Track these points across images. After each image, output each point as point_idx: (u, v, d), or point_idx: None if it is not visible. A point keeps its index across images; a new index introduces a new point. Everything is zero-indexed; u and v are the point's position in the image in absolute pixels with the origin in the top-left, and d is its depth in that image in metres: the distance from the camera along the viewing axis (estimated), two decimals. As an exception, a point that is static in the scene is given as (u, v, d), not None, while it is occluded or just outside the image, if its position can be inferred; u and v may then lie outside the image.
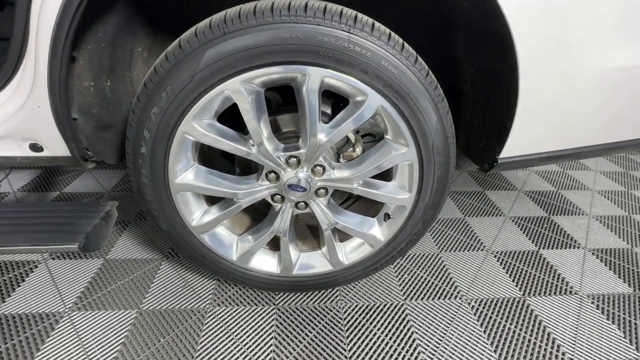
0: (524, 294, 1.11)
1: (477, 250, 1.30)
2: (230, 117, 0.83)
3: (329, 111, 0.93)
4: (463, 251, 1.29)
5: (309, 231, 1.12)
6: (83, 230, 0.81)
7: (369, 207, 1.06)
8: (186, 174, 0.81)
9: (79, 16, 0.60)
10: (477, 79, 0.91)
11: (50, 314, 0.97)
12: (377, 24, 0.66)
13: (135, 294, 1.06)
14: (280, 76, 0.68)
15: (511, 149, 0.84)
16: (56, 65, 0.64)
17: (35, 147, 0.78)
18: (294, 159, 0.82)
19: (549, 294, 1.11)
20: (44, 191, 1.54)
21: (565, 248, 1.33)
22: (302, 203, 0.91)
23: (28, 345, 0.89)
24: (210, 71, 0.65)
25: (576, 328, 1.00)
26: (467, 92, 1.01)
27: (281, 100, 0.98)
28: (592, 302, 1.09)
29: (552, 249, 1.33)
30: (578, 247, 1.34)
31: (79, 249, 0.77)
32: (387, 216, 0.95)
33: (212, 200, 0.93)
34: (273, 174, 0.84)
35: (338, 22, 0.63)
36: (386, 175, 0.89)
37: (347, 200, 1.15)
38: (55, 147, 0.78)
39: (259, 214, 1.08)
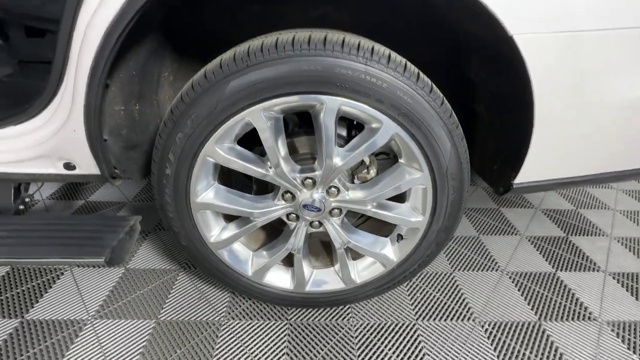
0: (539, 318, 1.09)
1: (491, 271, 1.28)
2: (247, 135, 0.86)
3: (344, 133, 0.95)
4: (477, 271, 1.28)
5: (322, 247, 1.14)
6: (109, 244, 0.85)
7: (382, 225, 1.07)
8: (206, 193, 0.84)
9: (116, 49, 0.65)
10: (491, 102, 0.92)
11: (74, 321, 1.02)
12: (393, 55, 0.68)
13: (153, 304, 1.10)
14: (298, 104, 0.71)
15: (527, 174, 0.84)
16: (93, 93, 0.69)
17: (68, 166, 0.83)
18: (310, 180, 0.84)
19: (567, 319, 1.09)
20: (71, 199, 1.62)
21: (584, 271, 1.30)
22: (317, 222, 0.93)
23: (54, 351, 0.94)
24: (233, 100, 0.68)
25: (595, 356, 0.98)
26: (481, 114, 1.01)
27: (298, 121, 1.01)
28: (612, 330, 1.06)
29: (570, 271, 1.30)
30: (598, 270, 1.30)
31: (105, 263, 0.81)
32: (400, 237, 0.96)
33: (230, 217, 0.97)
34: (289, 194, 0.87)
35: (355, 54, 0.65)
36: (400, 197, 0.90)
37: (360, 216, 1.16)
38: (87, 166, 0.83)
39: (274, 229, 1.11)
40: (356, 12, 0.88)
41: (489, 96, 0.92)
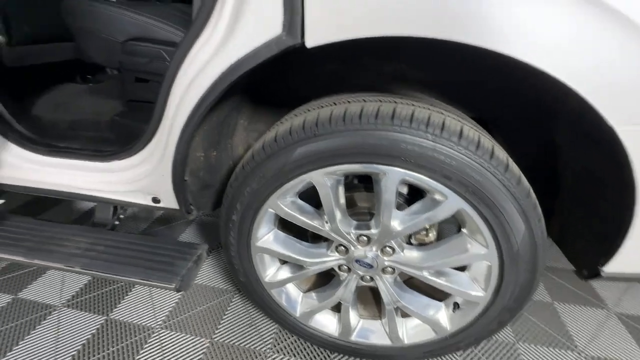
0: None
1: (565, 349, 1.12)
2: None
3: (405, 191, 0.93)
4: (547, 347, 1.13)
5: (371, 296, 1.12)
6: (179, 272, 0.95)
7: (438, 285, 1.01)
8: (266, 238, 0.90)
9: (206, 112, 0.74)
10: (581, 177, 0.81)
11: (145, 327, 1.17)
12: (465, 130, 0.65)
13: (210, 322, 1.19)
14: (360, 171, 0.72)
15: (622, 264, 0.72)
16: (181, 147, 0.80)
17: (155, 200, 0.96)
18: (365, 238, 0.84)
19: None
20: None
21: (695, 373, 1.05)
22: (368, 277, 0.92)
23: (127, 353, 1.08)
24: (298, 164, 0.72)
25: None
26: (566, 179, 0.90)
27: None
28: None
29: (674, 369, 1.06)
30: None
31: (175, 290, 0.91)
32: (456, 305, 0.89)
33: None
34: (342, 247, 0.88)
35: (424, 131, 0.64)
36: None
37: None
38: (169, 201, 0.95)
39: (326, 272, 1.12)
40: (433, 71, 0.86)
41: (577, 164, 0.81)
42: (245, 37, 0.63)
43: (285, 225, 0.98)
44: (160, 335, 1.14)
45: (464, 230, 0.78)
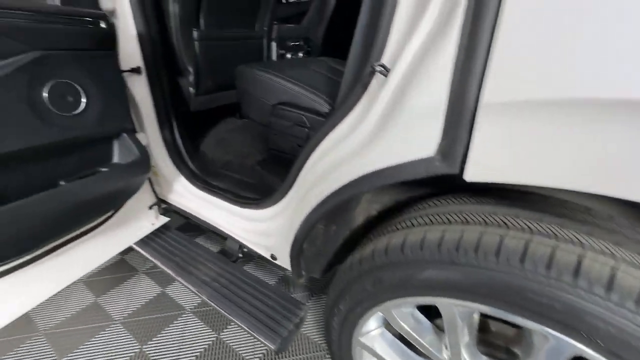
0: None
1: None
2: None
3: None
4: None
5: None
6: (281, 332, 0.97)
7: None
8: (371, 335, 0.81)
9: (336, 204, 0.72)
10: None
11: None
12: None
13: (298, 379, 1.18)
14: (511, 320, 0.55)
15: None
16: (307, 226, 0.81)
17: (273, 257, 1.01)
18: (495, 383, 0.65)
19: None
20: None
21: None
22: None
23: (227, 383, 1.17)
24: (426, 286, 0.61)
25: None
26: None
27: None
28: None
29: None
30: None
31: (274, 351, 0.92)
32: None
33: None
34: (460, 380, 0.70)
35: (633, 310, 0.43)
36: None
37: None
38: (285, 262, 0.98)
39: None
40: None
41: None
42: (390, 146, 0.56)
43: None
44: (256, 374, 1.19)
45: None
